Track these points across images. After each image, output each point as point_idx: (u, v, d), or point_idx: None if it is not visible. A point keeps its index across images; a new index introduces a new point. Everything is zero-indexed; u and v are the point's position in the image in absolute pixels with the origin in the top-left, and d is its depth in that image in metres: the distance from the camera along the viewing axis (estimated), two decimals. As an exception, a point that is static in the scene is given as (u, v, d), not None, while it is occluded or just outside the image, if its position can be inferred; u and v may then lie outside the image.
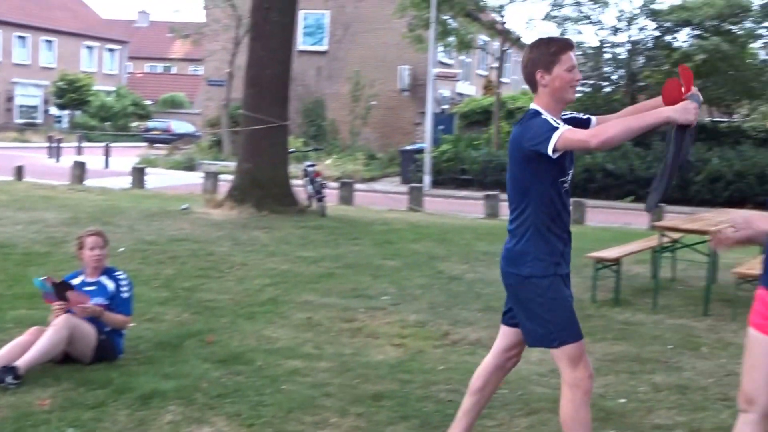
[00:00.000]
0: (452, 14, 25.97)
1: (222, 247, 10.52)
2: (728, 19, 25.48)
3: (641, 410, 5.07)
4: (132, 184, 19.86)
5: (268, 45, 14.25)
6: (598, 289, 8.50)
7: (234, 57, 29.62)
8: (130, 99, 53.02)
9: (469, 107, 30.09)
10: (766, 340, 3.46)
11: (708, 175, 21.54)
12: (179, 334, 6.32)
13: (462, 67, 36.83)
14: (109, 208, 13.90)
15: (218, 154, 30.48)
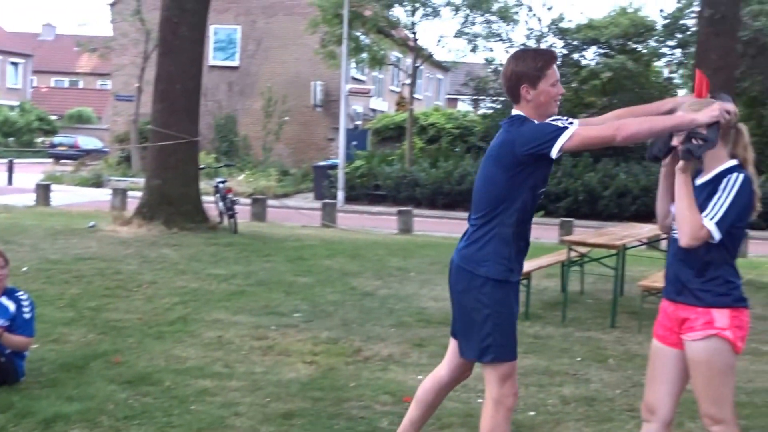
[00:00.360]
0: (364, 31, 26.15)
1: (130, 266, 10.29)
2: (633, 38, 26.40)
3: (550, 422, 5.15)
4: (36, 202, 19.27)
5: (177, 60, 14.07)
6: (509, 302, 8.60)
7: (143, 72, 29.14)
8: (34, 114, 51.52)
9: (382, 123, 30.32)
10: (668, 351, 3.58)
11: (615, 190, 22.15)
12: (84, 355, 6.14)
13: (375, 83, 37.06)
14: (11, 226, 13.45)
15: (127, 171, 29.91)
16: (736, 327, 3.42)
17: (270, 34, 32.94)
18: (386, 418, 5.07)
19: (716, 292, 3.43)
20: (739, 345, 3.44)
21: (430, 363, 6.44)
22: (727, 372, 3.46)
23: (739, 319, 3.44)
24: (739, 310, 3.44)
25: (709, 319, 3.42)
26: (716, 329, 3.41)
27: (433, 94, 47.75)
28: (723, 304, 3.42)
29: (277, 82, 32.41)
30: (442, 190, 23.38)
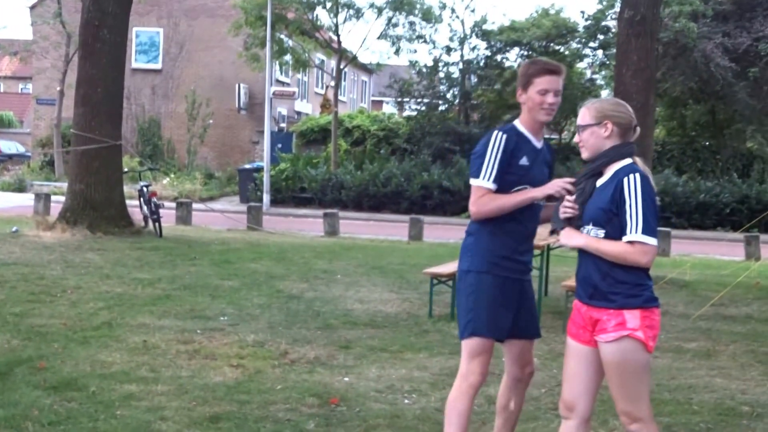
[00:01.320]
0: (288, 33, 26.14)
1: (54, 271, 10.16)
2: (555, 39, 26.94)
3: (475, 422, 5.22)
4: (-47, 207, 18.78)
5: (98, 63, 13.91)
6: (435, 304, 8.79)
7: (65, 75, 28.59)
8: (-48, 117, 49.92)
9: (307, 125, 30.33)
10: (583, 350, 3.73)
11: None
12: (8, 361, 6.08)
13: (299, 85, 37.03)
14: (-73, 233, 13.11)
15: (50, 175, 29.29)
16: (647, 327, 3.50)
17: (193, 37, 32.61)
18: (312, 420, 5.15)
19: (627, 293, 3.51)
20: (651, 344, 3.53)
21: (356, 365, 6.57)
22: (641, 371, 3.55)
23: (650, 319, 3.51)
24: (650, 310, 3.51)
25: (621, 320, 3.50)
26: (628, 330, 3.49)
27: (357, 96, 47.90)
28: (634, 305, 3.50)
29: (200, 85, 32.12)
30: (368, 192, 23.53)
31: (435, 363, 6.69)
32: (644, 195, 3.45)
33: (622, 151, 3.63)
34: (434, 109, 27.45)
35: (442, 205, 23.11)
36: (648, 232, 3.44)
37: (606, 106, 3.72)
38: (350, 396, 5.68)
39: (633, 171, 3.54)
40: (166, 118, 32.50)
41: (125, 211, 14.29)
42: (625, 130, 3.65)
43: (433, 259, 12.18)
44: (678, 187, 22.45)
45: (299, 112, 37.01)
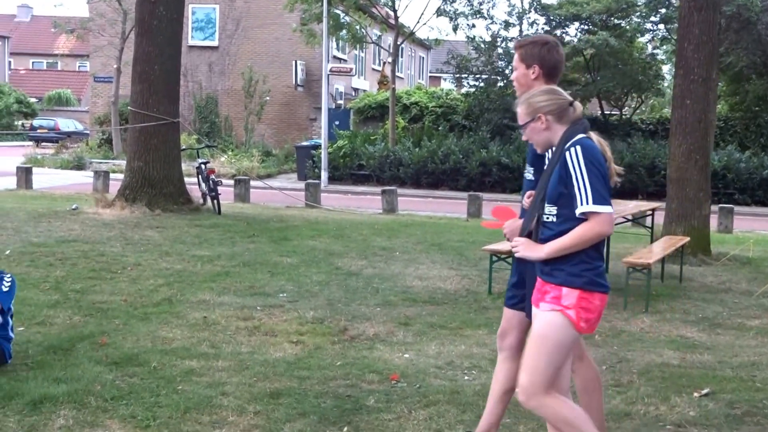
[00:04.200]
0: (344, 8, 26.00)
1: (114, 248, 10.26)
2: (616, 14, 26.35)
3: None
4: (18, 185, 19.13)
5: (155, 40, 13.96)
6: (495, 281, 8.67)
7: (121, 52, 28.90)
8: (13, 97, 50.92)
9: (364, 102, 30.23)
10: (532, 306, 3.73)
11: (599, 167, 22.21)
12: (71, 337, 6.14)
13: (356, 61, 36.94)
14: (-8, 210, 13.37)
15: (108, 153, 29.72)
16: (582, 308, 3.44)
17: (249, 13, 32.69)
18: (373, 396, 5.10)
19: (569, 272, 3.46)
20: (582, 326, 3.46)
21: (415, 341, 6.49)
22: (559, 349, 3.49)
23: (588, 302, 3.45)
24: (589, 293, 3.45)
25: (558, 294, 3.48)
26: (561, 306, 3.46)
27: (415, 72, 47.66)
28: (573, 284, 3.45)
29: (257, 62, 32.22)
30: (426, 170, 23.39)
31: (494, 340, 6.55)
32: (588, 165, 3.39)
33: (568, 136, 3.51)
34: (493, 85, 27.09)
35: (501, 182, 22.87)
36: (599, 201, 3.38)
37: (533, 100, 3.61)
38: (410, 372, 5.62)
39: (574, 144, 3.45)
40: (223, 96, 32.70)
41: (184, 189, 14.38)
42: (562, 114, 3.56)
43: (492, 237, 11.98)
44: (741, 163, 21.86)
45: (356, 88, 36.95)
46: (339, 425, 4.61)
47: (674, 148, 11.10)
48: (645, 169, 22.00)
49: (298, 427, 4.57)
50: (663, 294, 8.68)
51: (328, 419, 4.70)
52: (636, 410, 5.02)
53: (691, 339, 6.91)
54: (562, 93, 3.61)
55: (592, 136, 3.55)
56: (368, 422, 4.68)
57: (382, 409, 4.88)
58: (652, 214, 10.79)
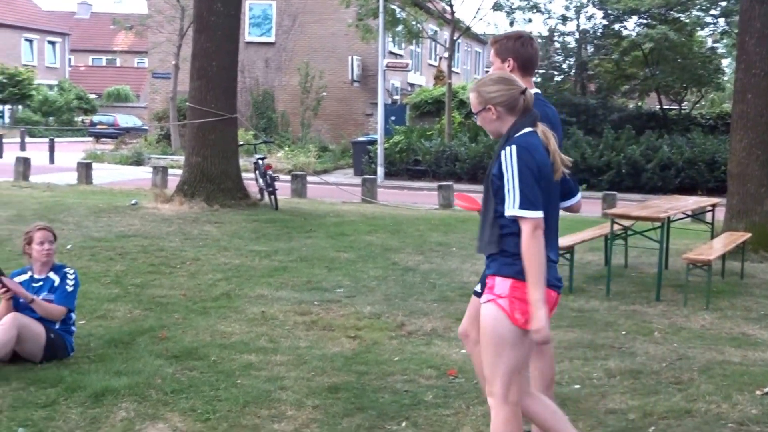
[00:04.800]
0: (400, 3, 25.95)
1: (173, 243, 10.38)
2: (675, 7, 25.87)
3: (595, 395, 5.11)
4: (78, 180, 19.49)
5: (213, 36, 14.08)
6: (551, 276, 8.55)
7: (179, 49, 29.25)
8: (73, 93, 52.02)
9: (421, 98, 30.13)
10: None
11: (659, 162, 21.85)
12: (131, 330, 6.22)
13: (412, 57, 36.87)
14: (55, 205, 13.63)
15: (167, 148, 30.13)
16: (516, 298, 3.34)
17: (305, 9, 32.83)
18: (431, 391, 5.07)
19: (504, 261, 3.39)
20: (518, 318, 3.34)
21: (473, 337, 6.43)
22: (501, 343, 3.38)
23: (522, 292, 3.32)
24: (523, 283, 3.32)
25: (492, 284, 3.42)
26: (494, 296, 3.40)
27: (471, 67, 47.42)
28: (506, 273, 3.37)
29: (313, 58, 32.34)
30: (483, 165, 23.18)
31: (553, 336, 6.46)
32: (520, 167, 3.30)
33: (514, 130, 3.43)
34: (550, 80, 26.83)
35: (558, 177, 22.59)
36: (525, 206, 3.30)
37: (484, 89, 3.50)
38: (468, 368, 5.56)
39: (511, 143, 3.37)
40: (280, 91, 32.91)
41: (241, 184, 14.49)
42: (512, 105, 3.46)
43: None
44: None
45: (412, 84, 36.88)
46: (397, 420, 4.59)
47: (735, 143, 10.86)
48: (705, 164, 21.56)
49: (356, 421, 4.56)
50: (724, 291, 8.48)
51: (387, 414, 4.68)
52: (697, 408, 4.91)
53: (753, 336, 6.74)
54: (514, 82, 3.50)
55: (538, 128, 3.45)
56: (426, 417, 4.65)
57: (440, 405, 4.85)
58: (712, 210, 10.55)
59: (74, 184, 18.90)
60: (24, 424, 4.31)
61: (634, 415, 4.80)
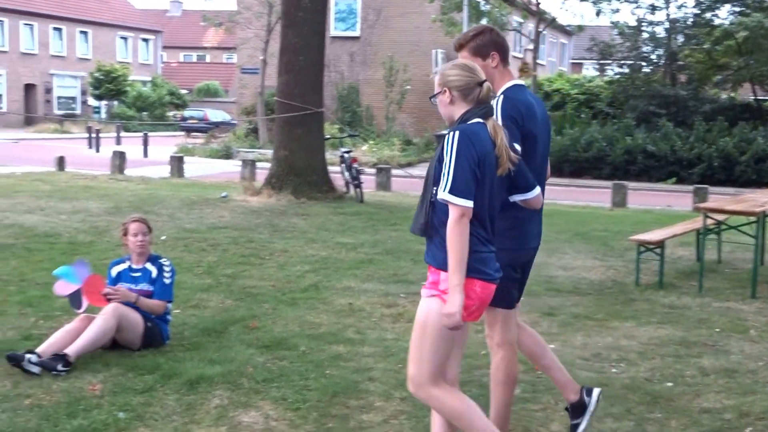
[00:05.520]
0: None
1: (262, 234, 10.58)
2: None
3: (689, 394, 5.01)
4: (171, 173, 20.02)
5: (300, 31, 14.25)
6: (642, 272, 8.42)
7: (267, 44, 29.66)
8: (166, 88, 53.35)
9: (505, 90, 29.84)
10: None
11: (753, 155, 21.19)
12: (223, 320, 6.37)
13: (496, 50, 36.51)
14: (149, 197, 14.03)
15: (255, 142, 30.59)
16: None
17: (390, 3, 32.88)
18: (519, 385, 5.03)
19: (446, 255, 3.32)
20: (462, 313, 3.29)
21: (560, 332, 6.39)
22: (439, 336, 3.37)
23: (467, 288, 3.30)
24: (467, 279, 3.29)
25: (436, 279, 3.38)
26: (438, 291, 3.36)
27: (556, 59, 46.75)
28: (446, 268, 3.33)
29: (398, 51, 32.39)
30: (568, 158, 22.92)
31: (643, 332, 6.41)
32: (459, 152, 3.29)
33: (464, 118, 3.45)
34: (638, 71, 26.22)
35: (647, 170, 22.16)
36: (454, 192, 3.28)
37: (446, 71, 3.53)
38: (556, 365, 5.52)
39: (456, 129, 3.38)
40: (364, 85, 33.07)
41: (327, 177, 14.65)
42: (467, 92, 3.47)
43: (638, 226, 11.68)
44: None
45: (496, 76, 36.56)
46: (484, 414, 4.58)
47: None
48: (804, 156, 20.83)
49: (444, 414, 4.57)
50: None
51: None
52: (797, 409, 4.76)
53: None
54: (475, 72, 3.49)
55: (489, 122, 3.44)
56: (514, 412, 4.62)
57: (528, 399, 4.83)
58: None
59: (167, 177, 19.41)
60: (124, 409, 4.47)
61: (729, 414, 4.69)
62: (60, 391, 4.70)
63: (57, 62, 51.96)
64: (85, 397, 4.63)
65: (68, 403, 4.52)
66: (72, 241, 9.66)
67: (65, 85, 52.79)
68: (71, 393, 4.67)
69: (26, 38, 50.06)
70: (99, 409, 4.46)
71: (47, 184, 16.02)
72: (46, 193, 14.16)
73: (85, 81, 51.96)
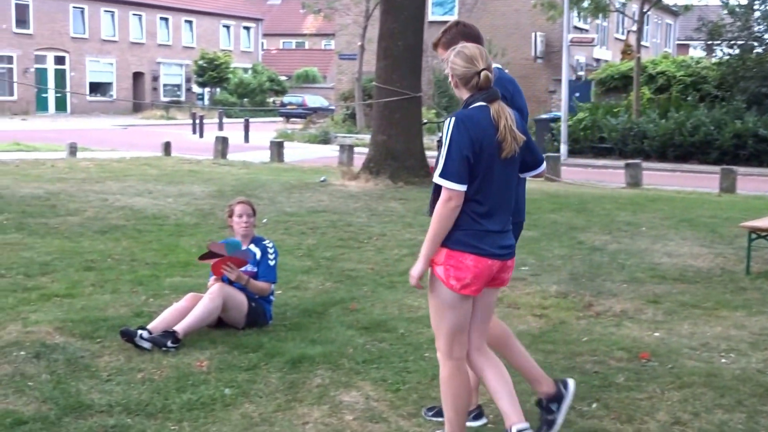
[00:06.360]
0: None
1: (360, 218, 10.66)
2: None
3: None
4: (271, 158, 20.36)
5: (399, 17, 14.25)
6: (753, 260, 8.11)
7: (365, 30, 29.81)
8: (266, 75, 54.27)
9: (607, 73, 29.17)
10: None
11: None
12: (323, 301, 6.46)
13: (598, 31, 35.80)
14: (251, 181, 14.32)
15: (352, 127, 30.85)
16: (450, 266, 3.58)
17: (489, -14, 32.60)
18: (622, 374, 4.96)
19: None
20: (452, 284, 3.59)
21: (666, 320, 6.23)
22: (440, 306, 3.67)
23: (456, 260, 3.57)
24: (458, 252, 3.57)
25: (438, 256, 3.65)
26: (433, 263, 3.64)
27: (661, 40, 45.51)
28: (443, 243, 3.60)
29: (496, 35, 32.05)
30: (673, 142, 22.29)
31: (754, 322, 6.20)
32: (452, 138, 3.51)
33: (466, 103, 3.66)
34: (749, 52, 25.21)
35: (758, 155, 21.34)
36: (445, 175, 3.51)
37: (452, 58, 3.72)
38: (661, 351, 5.41)
39: (454, 115, 3.60)
40: (463, 70, 32.86)
41: (425, 162, 14.64)
42: (467, 80, 3.65)
43: (749, 213, 11.29)
44: None
45: (598, 59, 35.88)
46: (587, 401, 4.52)
47: None
48: None
49: (545, 400, 4.52)
50: None
51: (576, 395, 4.58)
52: None
53: None
54: (476, 60, 3.63)
55: (493, 106, 3.58)
56: (618, 400, 4.55)
57: (632, 388, 4.73)
58: None
59: (267, 162, 19.77)
60: (229, 385, 4.59)
61: None
62: (169, 366, 4.86)
63: (163, 51, 53.48)
64: (193, 372, 4.77)
65: (177, 378, 4.66)
66: (178, 223, 9.94)
67: (171, 73, 54.31)
68: (180, 368, 4.82)
69: (135, 28, 51.67)
70: (206, 384, 4.59)
71: (154, 168, 16.52)
72: (153, 177, 14.61)
73: (189, 69, 53.34)
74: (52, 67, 47.11)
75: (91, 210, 10.66)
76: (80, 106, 47.97)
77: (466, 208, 3.56)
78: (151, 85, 52.60)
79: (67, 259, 7.70)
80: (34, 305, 6.08)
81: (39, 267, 7.34)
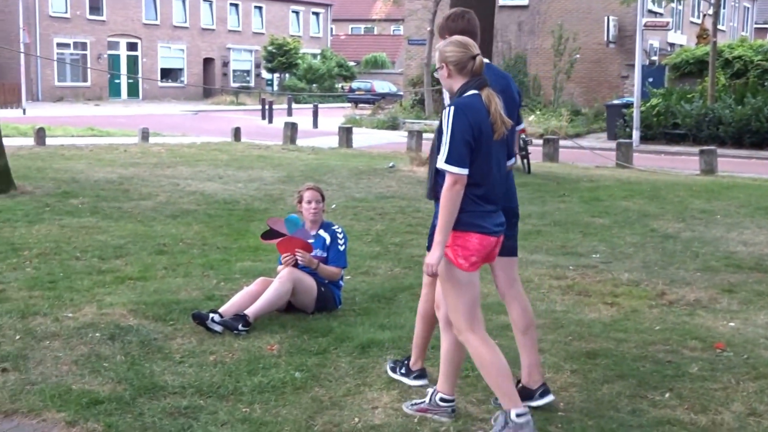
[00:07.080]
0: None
1: (428, 204, 10.59)
2: None
3: None
4: (339, 144, 20.47)
5: (469, 2, 14.06)
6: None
7: (434, 15, 29.65)
8: (334, 61, 54.49)
9: (681, 58, 28.54)
10: None
11: None
12: (392, 287, 6.48)
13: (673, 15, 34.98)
14: (319, 167, 14.42)
15: (420, 113, 30.77)
16: (457, 246, 3.75)
17: (560, -30, 32.11)
18: (696, 363, 4.87)
19: None
20: (461, 263, 3.77)
21: (741, 310, 6.10)
22: (454, 285, 3.81)
23: (463, 240, 3.75)
24: (464, 233, 3.75)
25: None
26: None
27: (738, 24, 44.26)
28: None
29: (567, 20, 31.61)
30: (750, 128, 21.70)
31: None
32: (454, 125, 3.67)
33: (460, 91, 3.79)
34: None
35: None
36: (451, 161, 3.68)
37: (442, 48, 3.87)
38: (737, 342, 5.29)
39: (452, 104, 3.74)
40: (532, 55, 32.53)
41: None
42: (462, 66, 3.80)
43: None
44: None
45: (672, 43, 35.08)
46: (660, 390, 4.45)
47: None
48: None
49: (616, 389, 4.48)
50: None
51: (648, 383, 4.55)
52: None
53: None
54: (469, 46, 3.81)
55: (483, 92, 3.76)
56: (692, 390, 4.47)
57: (706, 378, 4.64)
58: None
59: (336, 147, 19.87)
60: (299, 369, 4.64)
61: None
62: (240, 349, 4.93)
63: (233, 37, 54.08)
64: (264, 356, 4.84)
65: (248, 361, 4.74)
66: (248, 208, 10.08)
67: (241, 59, 54.92)
68: (251, 351, 4.89)
69: (206, 14, 52.36)
70: (277, 368, 4.65)
71: (224, 153, 16.76)
72: (223, 162, 14.83)
73: (258, 54, 53.85)
74: (125, 54, 48.09)
75: (163, 194, 10.88)
76: (152, 91, 48.89)
77: (468, 190, 3.73)
78: (221, 71, 53.27)
79: (140, 242, 7.88)
80: (108, 288, 6.24)
81: (113, 250, 7.53)
